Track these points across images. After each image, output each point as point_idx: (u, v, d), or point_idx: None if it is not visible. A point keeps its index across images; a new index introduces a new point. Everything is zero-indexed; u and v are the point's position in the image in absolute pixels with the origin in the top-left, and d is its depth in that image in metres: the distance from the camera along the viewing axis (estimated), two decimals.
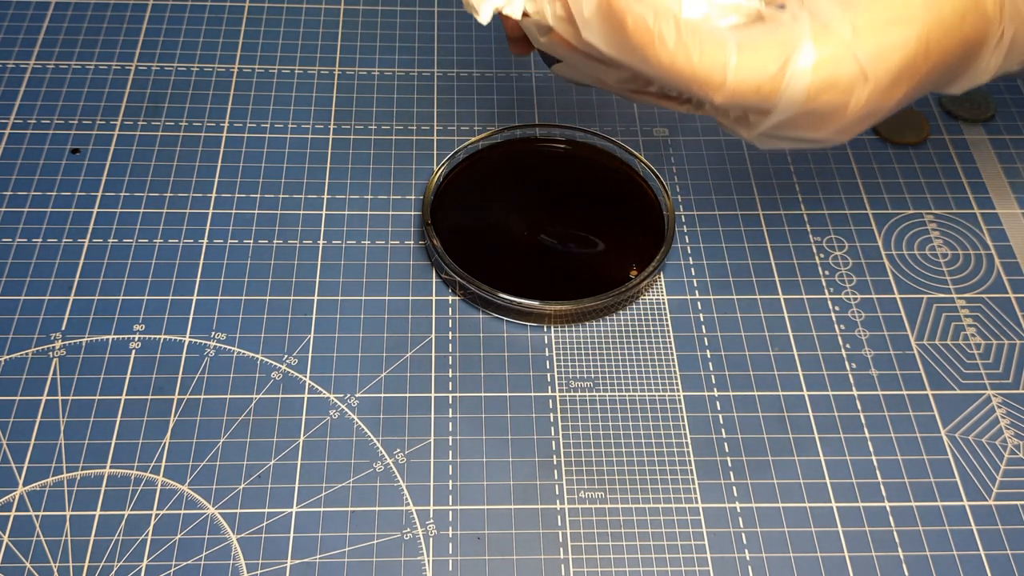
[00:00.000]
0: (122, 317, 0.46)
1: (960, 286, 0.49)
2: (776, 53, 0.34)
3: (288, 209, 0.50)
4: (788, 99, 0.34)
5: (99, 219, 0.49)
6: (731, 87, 0.34)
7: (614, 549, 0.40)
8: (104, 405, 0.43)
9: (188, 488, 0.41)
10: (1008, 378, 0.45)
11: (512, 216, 0.50)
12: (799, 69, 0.34)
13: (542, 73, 0.57)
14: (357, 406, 0.43)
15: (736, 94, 0.34)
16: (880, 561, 0.40)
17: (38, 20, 0.58)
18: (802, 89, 0.34)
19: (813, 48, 0.34)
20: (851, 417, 0.44)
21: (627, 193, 0.50)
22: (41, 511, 0.40)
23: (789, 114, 0.35)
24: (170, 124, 0.53)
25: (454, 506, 0.41)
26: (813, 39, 0.34)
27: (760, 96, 0.34)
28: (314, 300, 0.47)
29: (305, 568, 0.39)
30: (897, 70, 0.35)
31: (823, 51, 0.34)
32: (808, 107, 0.35)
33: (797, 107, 0.35)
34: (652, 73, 0.35)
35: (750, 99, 0.35)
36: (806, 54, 0.34)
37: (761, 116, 0.36)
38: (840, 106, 0.35)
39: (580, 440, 0.43)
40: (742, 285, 0.48)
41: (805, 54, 0.34)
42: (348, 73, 0.56)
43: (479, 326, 0.46)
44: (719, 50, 0.34)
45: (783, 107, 0.35)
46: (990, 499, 0.42)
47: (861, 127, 0.37)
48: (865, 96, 0.35)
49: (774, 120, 0.35)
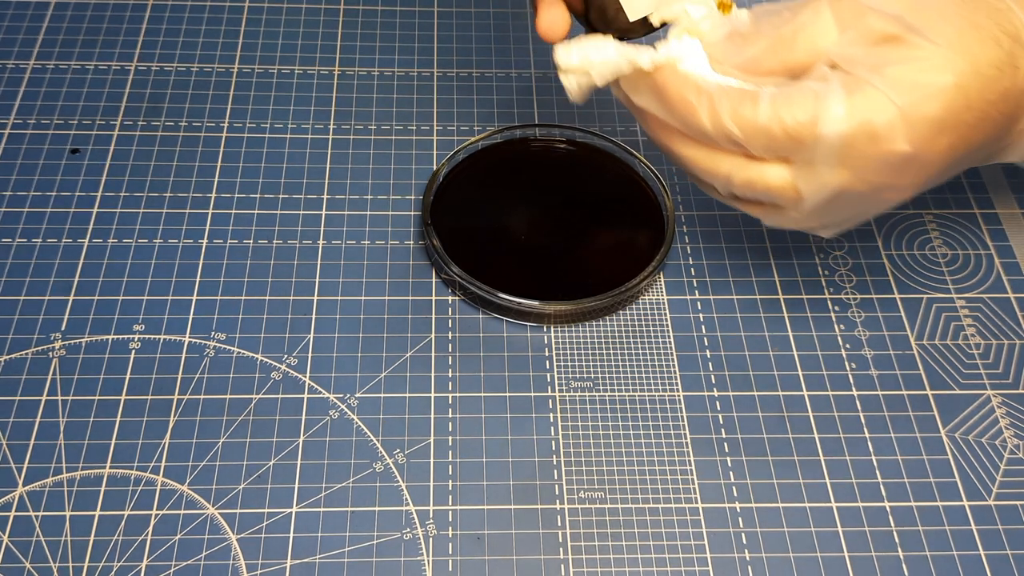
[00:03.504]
0: (122, 317, 0.46)
1: (960, 286, 0.49)
2: (807, 102, 0.35)
3: (288, 209, 0.50)
4: (825, 147, 0.35)
5: (99, 219, 0.49)
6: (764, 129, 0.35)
7: (614, 549, 0.40)
8: (104, 405, 0.43)
9: (188, 488, 0.41)
10: (1008, 378, 0.45)
11: (512, 216, 0.50)
12: (832, 115, 0.35)
13: (542, 73, 0.57)
14: (357, 406, 0.43)
15: (770, 137, 0.36)
16: (880, 561, 0.40)
17: (38, 20, 0.58)
18: (837, 135, 0.35)
19: (843, 95, 0.35)
20: (851, 417, 0.44)
21: (627, 193, 0.50)
22: (41, 511, 0.40)
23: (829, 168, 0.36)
24: (170, 124, 0.53)
25: (454, 506, 0.41)
26: (844, 89, 0.35)
27: (795, 142, 0.35)
28: (314, 300, 0.47)
29: (305, 568, 0.39)
30: (938, 117, 0.35)
31: (856, 98, 0.35)
32: (849, 158, 0.35)
33: (834, 155, 0.35)
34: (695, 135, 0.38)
35: (785, 144, 0.36)
36: (837, 101, 0.35)
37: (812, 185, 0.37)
38: (883, 157, 0.35)
39: (580, 440, 0.43)
40: (742, 285, 0.48)
41: (836, 101, 0.35)
42: (348, 73, 0.56)
43: (479, 326, 0.46)
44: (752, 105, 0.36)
45: (822, 156, 0.35)
46: (990, 499, 0.42)
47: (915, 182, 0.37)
48: (907, 139, 0.35)
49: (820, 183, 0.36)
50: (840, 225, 0.40)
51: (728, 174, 0.38)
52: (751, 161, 0.38)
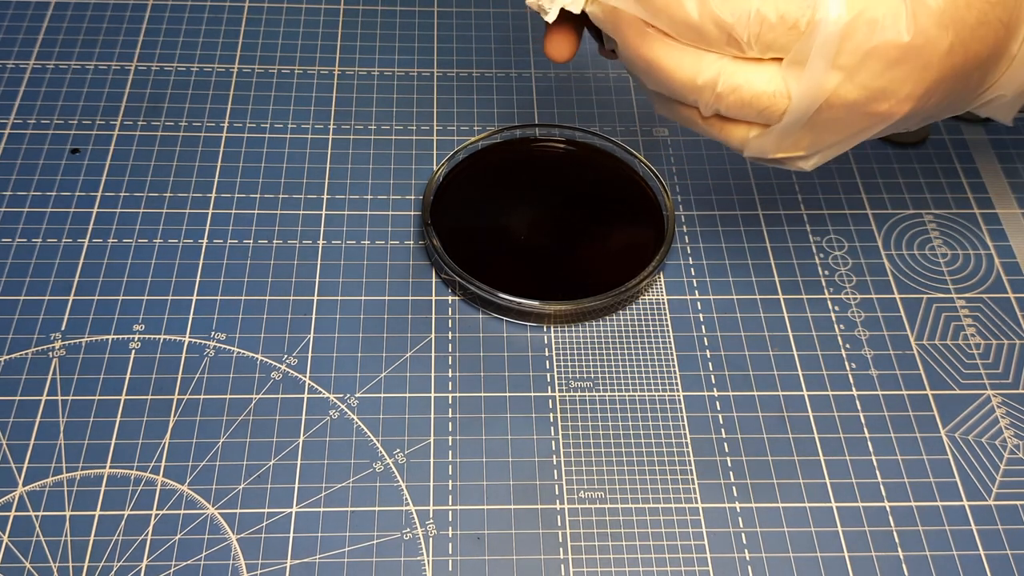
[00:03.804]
0: (122, 317, 0.46)
1: (960, 286, 0.49)
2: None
3: (288, 209, 0.50)
4: (822, 38, 0.33)
5: (99, 219, 0.49)
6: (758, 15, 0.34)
7: (614, 549, 0.40)
8: (104, 405, 0.43)
9: (188, 488, 0.41)
10: (1008, 378, 0.45)
11: (512, 216, 0.50)
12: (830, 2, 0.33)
13: (542, 73, 0.57)
14: (357, 406, 0.43)
15: (765, 24, 0.34)
16: (880, 561, 0.40)
17: (38, 20, 0.58)
18: (835, 23, 0.33)
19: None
20: (851, 417, 0.44)
21: (627, 193, 0.50)
22: (41, 511, 0.40)
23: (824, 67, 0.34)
24: (170, 124, 0.53)
25: (454, 506, 0.41)
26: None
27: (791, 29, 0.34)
28: (314, 300, 0.47)
29: (305, 568, 0.39)
30: (939, 8, 0.34)
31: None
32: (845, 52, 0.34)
33: (831, 48, 0.34)
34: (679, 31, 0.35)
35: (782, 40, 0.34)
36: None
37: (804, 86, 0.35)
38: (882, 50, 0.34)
39: (580, 440, 0.43)
40: (742, 285, 0.48)
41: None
42: (348, 73, 0.56)
43: (479, 326, 0.46)
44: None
45: (817, 49, 0.34)
46: (990, 499, 0.42)
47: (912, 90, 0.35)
48: (908, 29, 0.33)
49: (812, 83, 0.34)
50: (824, 152, 0.38)
51: (715, 78, 0.36)
52: (739, 62, 0.36)
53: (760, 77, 0.35)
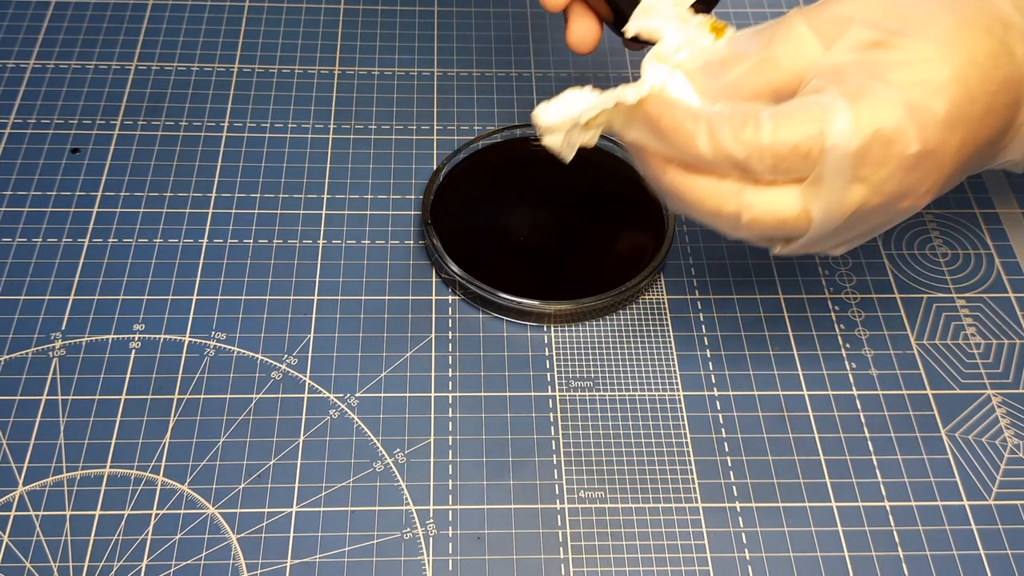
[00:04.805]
0: (122, 317, 0.46)
1: (960, 286, 0.49)
2: (810, 115, 0.34)
3: (288, 209, 0.50)
4: (836, 159, 0.34)
5: (99, 219, 0.49)
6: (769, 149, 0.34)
7: (614, 549, 0.40)
8: (104, 405, 0.43)
9: (188, 488, 0.41)
10: (1008, 378, 0.45)
11: (512, 216, 0.50)
12: (839, 126, 0.34)
13: (542, 73, 0.57)
14: (357, 406, 0.43)
15: (777, 156, 0.34)
16: (880, 561, 0.40)
17: (38, 20, 0.58)
18: (847, 145, 0.34)
19: (846, 104, 0.34)
20: (851, 417, 0.44)
21: (627, 193, 0.50)
22: (41, 511, 0.40)
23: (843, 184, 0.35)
24: (170, 124, 0.53)
25: (454, 506, 0.41)
26: (845, 98, 0.34)
27: (804, 157, 0.34)
28: (314, 300, 0.47)
29: (305, 568, 0.39)
30: (946, 112, 0.34)
31: (859, 105, 0.34)
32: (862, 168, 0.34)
33: (847, 167, 0.34)
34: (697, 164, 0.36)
35: (793, 162, 0.34)
36: (841, 110, 0.34)
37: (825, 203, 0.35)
38: (897, 162, 0.34)
39: (580, 440, 0.43)
40: (742, 285, 0.48)
41: (840, 110, 0.34)
42: (348, 73, 0.56)
43: (479, 326, 0.46)
44: (754, 124, 0.34)
45: (833, 169, 0.34)
46: (990, 499, 0.42)
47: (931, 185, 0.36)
48: (919, 139, 0.34)
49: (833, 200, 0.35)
50: (852, 242, 0.39)
51: (737, 210, 0.36)
52: (758, 188, 0.36)
53: (782, 201, 0.36)
